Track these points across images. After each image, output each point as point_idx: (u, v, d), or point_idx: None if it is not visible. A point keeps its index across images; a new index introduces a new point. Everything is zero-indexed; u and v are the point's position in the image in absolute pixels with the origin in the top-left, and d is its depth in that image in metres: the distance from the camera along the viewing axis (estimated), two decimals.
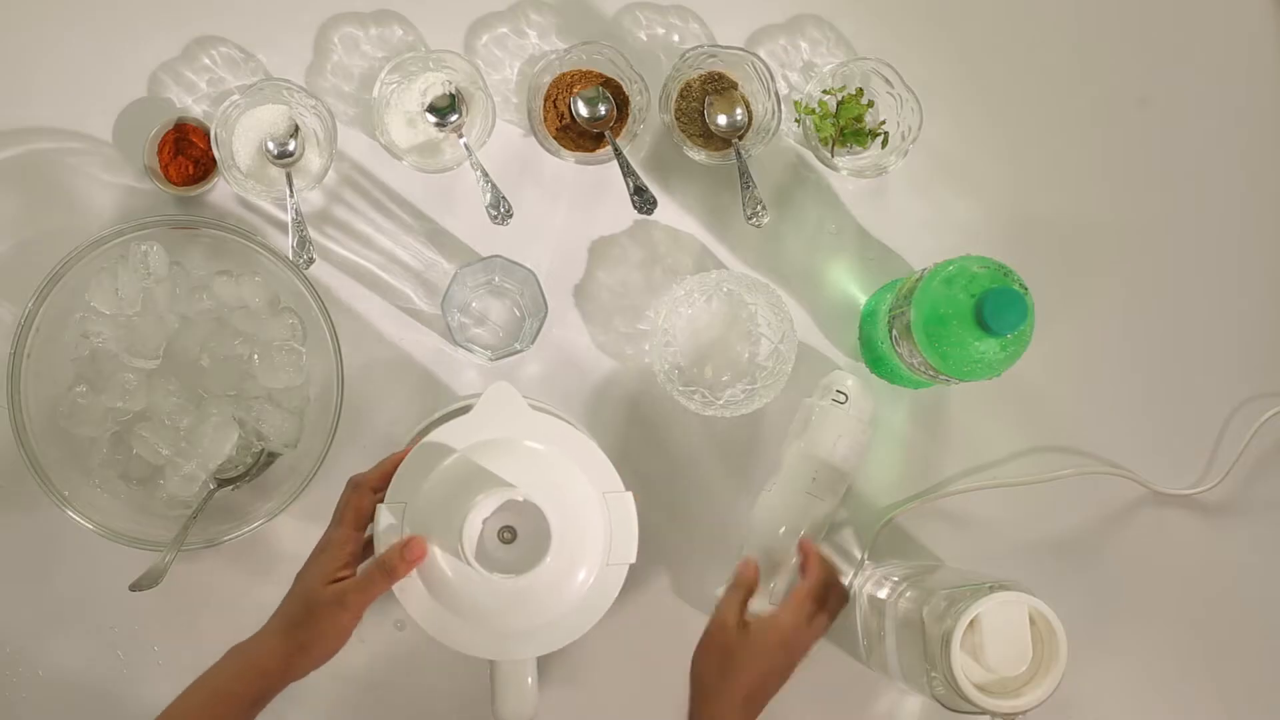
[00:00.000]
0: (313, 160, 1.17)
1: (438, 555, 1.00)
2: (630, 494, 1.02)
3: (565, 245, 1.21)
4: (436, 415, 1.11)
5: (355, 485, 1.01)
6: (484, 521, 0.98)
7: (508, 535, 0.99)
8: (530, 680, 1.01)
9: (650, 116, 1.18)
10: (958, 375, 1.06)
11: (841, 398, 1.15)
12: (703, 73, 1.20)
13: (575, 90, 1.19)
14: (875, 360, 1.19)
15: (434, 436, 1.01)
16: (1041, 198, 1.25)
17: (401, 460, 1.00)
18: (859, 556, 1.21)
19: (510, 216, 1.15)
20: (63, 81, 1.18)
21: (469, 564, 0.96)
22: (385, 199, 1.20)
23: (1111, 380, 1.24)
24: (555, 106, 1.19)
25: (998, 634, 1.02)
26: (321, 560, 0.97)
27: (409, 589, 0.99)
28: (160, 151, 1.16)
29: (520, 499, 0.97)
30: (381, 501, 0.99)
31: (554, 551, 0.96)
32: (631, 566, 1.02)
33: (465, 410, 1.02)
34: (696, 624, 1.11)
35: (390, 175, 1.20)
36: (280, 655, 0.95)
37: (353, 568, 0.98)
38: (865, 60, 1.18)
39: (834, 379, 1.17)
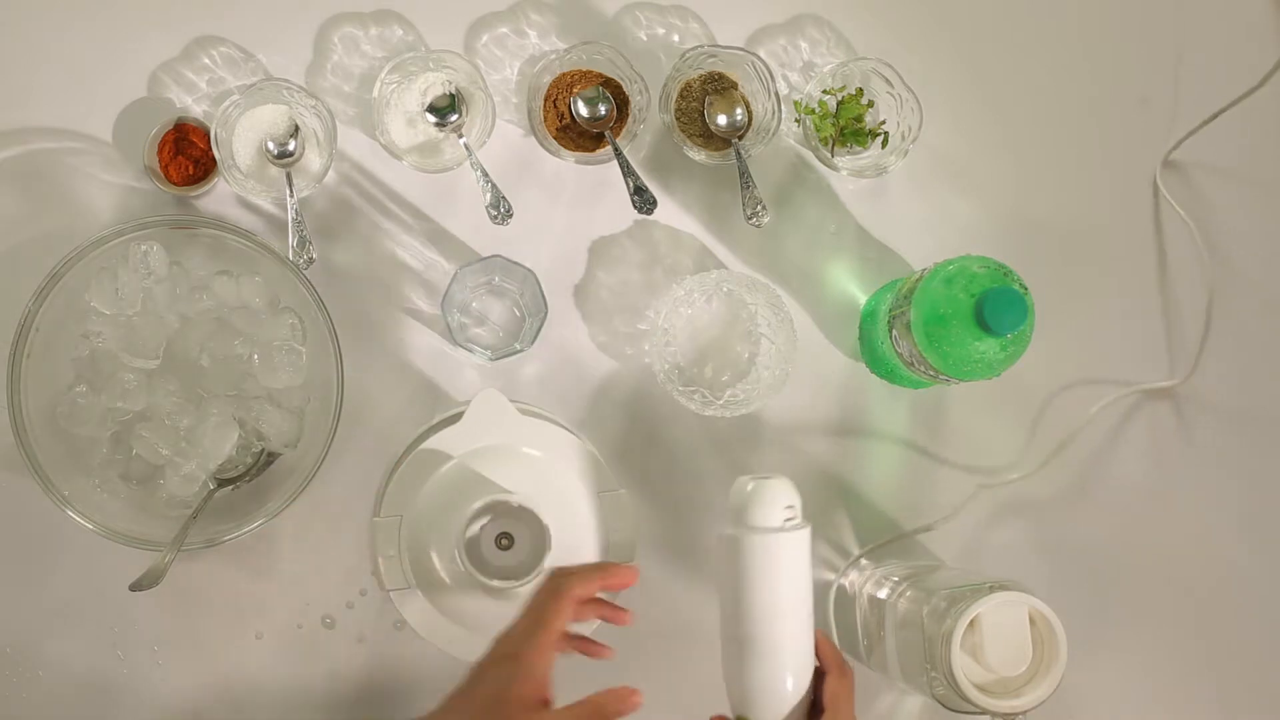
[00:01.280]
0: (313, 160, 1.17)
1: (437, 564, 1.00)
2: (624, 492, 1.02)
3: (565, 245, 1.21)
4: (428, 425, 1.11)
5: (559, 598, 0.89)
6: (481, 529, 0.98)
7: (505, 542, 0.99)
8: None
9: (650, 116, 1.18)
10: (958, 375, 1.06)
11: (791, 512, 0.95)
12: (703, 73, 1.20)
13: (575, 90, 1.19)
14: (875, 360, 1.19)
15: (426, 446, 1.01)
16: (1041, 198, 1.25)
17: (614, 569, 0.93)
18: (855, 554, 1.21)
19: (510, 216, 1.15)
20: (63, 81, 1.18)
21: (468, 572, 0.96)
22: (385, 199, 1.20)
23: (1116, 380, 1.24)
24: (555, 106, 1.19)
25: (998, 634, 1.02)
26: (515, 674, 0.86)
27: (409, 600, 0.99)
28: (160, 151, 1.16)
29: (515, 505, 0.97)
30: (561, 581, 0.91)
31: (552, 555, 0.96)
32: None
33: (456, 419, 1.02)
34: (698, 623, 1.11)
35: (390, 175, 1.20)
36: None
37: (548, 689, 0.87)
38: (865, 60, 1.18)
39: (762, 491, 0.95)
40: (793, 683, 0.94)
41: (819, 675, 0.95)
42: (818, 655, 0.96)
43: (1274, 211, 1.26)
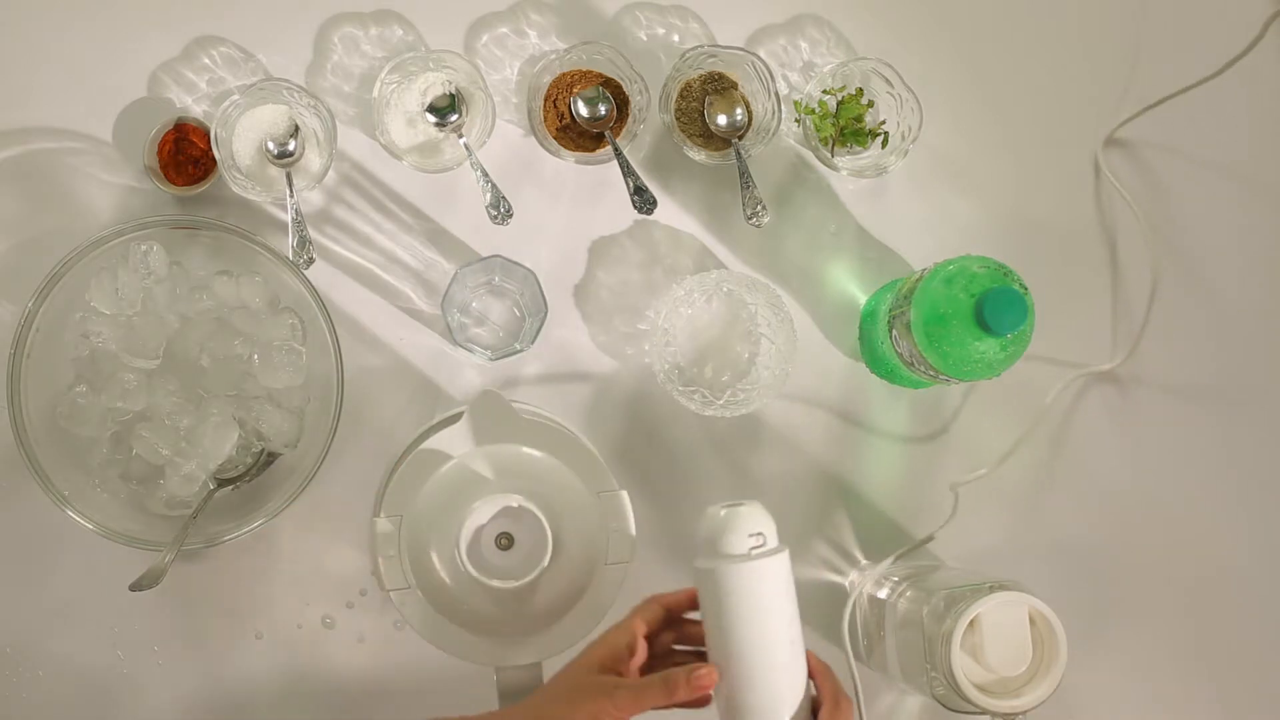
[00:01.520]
0: (313, 160, 1.17)
1: (437, 564, 1.00)
2: (624, 492, 1.02)
3: (565, 245, 1.21)
4: (428, 425, 1.11)
5: (651, 598, 0.98)
6: (480, 529, 0.98)
7: (505, 542, 0.99)
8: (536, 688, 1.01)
9: (650, 116, 1.18)
10: (958, 375, 1.06)
11: (759, 539, 0.92)
12: (703, 73, 1.20)
13: (575, 90, 1.19)
14: (875, 360, 1.19)
15: (426, 446, 1.01)
16: (1041, 198, 1.25)
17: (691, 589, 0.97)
18: (859, 558, 1.21)
19: (510, 216, 1.15)
20: (63, 81, 1.18)
21: (467, 572, 0.96)
22: (385, 199, 1.20)
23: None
24: (555, 106, 1.19)
25: (998, 634, 1.02)
26: (595, 645, 0.94)
27: (409, 600, 1.00)
28: (160, 151, 1.16)
29: (515, 505, 0.97)
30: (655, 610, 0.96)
31: (551, 555, 0.96)
32: (632, 566, 1.02)
33: (456, 419, 1.02)
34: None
35: (390, 175, 1.20)
36: None
37: (626, 663, 0.93)
38: (865, 60, 1.18)
39: (728, 520, 0.92)
40: (787, 716, 0.91)
41: (817, 703, 0.93)
42: (814, 682, 0.94)
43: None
